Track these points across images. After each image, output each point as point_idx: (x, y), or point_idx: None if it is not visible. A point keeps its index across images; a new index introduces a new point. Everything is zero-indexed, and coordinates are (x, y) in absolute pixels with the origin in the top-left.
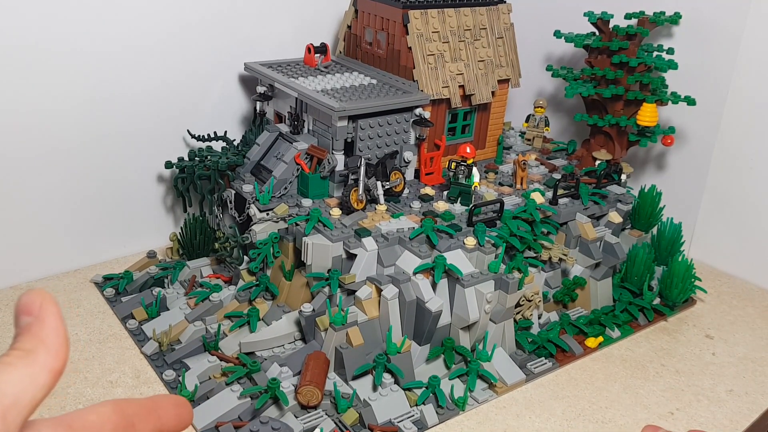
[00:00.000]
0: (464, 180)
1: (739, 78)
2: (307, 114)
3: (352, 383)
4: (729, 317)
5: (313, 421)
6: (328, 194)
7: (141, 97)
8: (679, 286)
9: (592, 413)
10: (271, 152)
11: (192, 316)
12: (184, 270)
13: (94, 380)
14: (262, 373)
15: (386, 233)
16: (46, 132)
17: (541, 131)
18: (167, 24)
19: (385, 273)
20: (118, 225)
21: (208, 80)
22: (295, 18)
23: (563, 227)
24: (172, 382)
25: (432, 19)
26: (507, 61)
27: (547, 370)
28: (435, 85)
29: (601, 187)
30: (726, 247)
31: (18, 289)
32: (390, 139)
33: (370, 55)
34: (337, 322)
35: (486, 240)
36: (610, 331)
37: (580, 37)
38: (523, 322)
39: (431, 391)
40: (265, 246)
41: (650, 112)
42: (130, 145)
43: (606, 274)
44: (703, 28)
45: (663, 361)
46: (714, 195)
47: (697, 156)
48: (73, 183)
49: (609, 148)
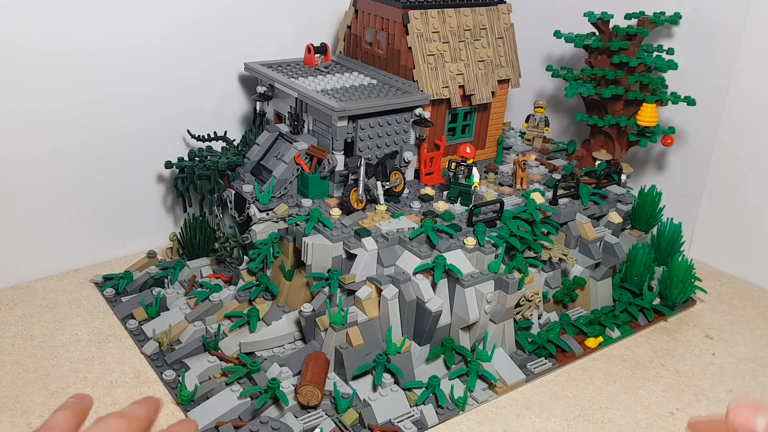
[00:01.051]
0: (464, 180)
1: (739, 78)
2: (307, 114)
3: (352, 383)
4: (729, 317)
5: (313, 421)
6: (328, 194)
7: (141, 96)
8: (679, 286)
9: (592, 413)
10: (271, 152)
11: (192, 316)
12: (184, 270)
13: (94, 380)
14: (262, 373)
15: (386, 233)
16: (46, 132)
17: (541, 131)
18: (167, 24)
19: (385, 273)
20: (118, 225)
21: (208, 80)
22: (295, 18)
23: (563, 227)
24: (172, 382)
25: (432, 19)
26: (507, 61)
27: (547, 371)
28: (435, 85)
29: (601, 188)
30: (726, 247)
31: (18, 289)
32: (390, 139)
33: (370, 55)
34: (337, 322)
35: (486, 240)
36: (610, 332)
37: (580, 37)
38: (523, 322)
39: (431, 391)
40: (265, 246)
41: (650, 113)
42: (130, 145)
43: (606, 274)
44: (703, 29)
45: (663, 362)
46: (714, 195)
47: (697, 156)
48: (73, 183)
49: (609, 148)
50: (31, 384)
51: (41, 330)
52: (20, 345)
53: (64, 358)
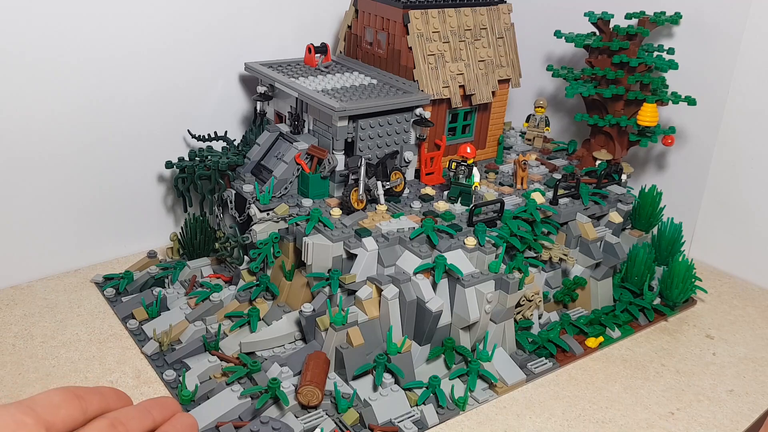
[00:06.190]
0: (465, 180)
1: (739, 78)
2: (308, 114)
3: (352, 383)
4: (729, 317)
5: (314, 421)
6: (329, 194)
7: (141, 97)
8: (680, 286)
9: (593, 413)
10: (272, 152)
11: (192, 316)
12: (184, 270)
13: (95, 380)
14: (263, 373)
15: (386, 233)
16: (47, 132)
17: (541, 131)
18: (168, 24)
19: (385, 273)
20: (119, 225)
21: (208, 80)
22: (295, 18)
23: (564, 227)
24: (172, 382)
25: (432, 19)
26: (507, 61)
27: (547, 370)
28: (435, 85)
29: (601, 187)
30: (726, 247)
31: (19, 289)
32: (390, 139)
33: (371, 55)
34: (337, 322)
35: (486, 240)
36: (610, 331)
37: (581, 37)
38: (523, 322)
39: (431, 391)
40: (266, 246)
41: (651, 112)
42: (130, 145)
43: (606, 274)
44: (704, 28)
45: (663, 361)
46: (714, 195)
47: (698, 156)
48: (74, 183)
49: (609, 148)
50: (32, 384)
51: (42, 330)
52: (21, 345)
53: (65, 358)
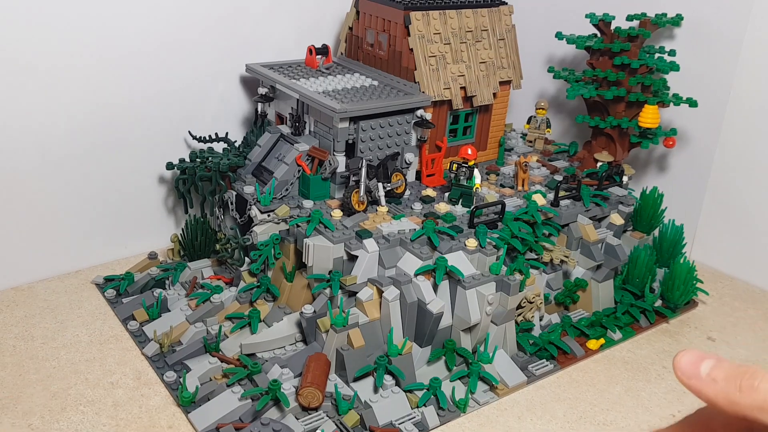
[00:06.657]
0: (465, 181)
1: (740, 80)
2: (309, 115)
3: (353, 385)
4: (731, 319)
5: (314, 422)
6: (330, 196)
7: (142, 98)
8: (681, 288)
9: (594, 415)
10: (273, 153)
11: (193, 317)
12: (185, 271)
13: (95, 381)
14: (263, 375)
15: (387, 235)
16: (48, 133)
17: (542, 133)
18: (169, 25)
19: (386, 274)
20: (120, 226)
21: (209, 81)
22: (296, 19)
23: (565, 229)
24: (173, 384)
25: (433, 21)
26: (508, 63)
27: (548, 372)
28: (436, 87)
29: (602, 189)
30: (728, 249)
31: (19, 290)
32: (391, 140)
33: (372, 57)
34: (338, 324)
35: (487, 242)
36: (611, 333)
37: (582, 38)
38: (524, 324)
39: (432, 392)
40: (266, 247)
41: (652, 114)
42: (131, 147)
43: (607, 276)
44: (705, 30)
45: (665, 363)
46: (716, 197)
47: (699, 158)
48: (75, 184)
49: (611, 149)
50: (32, 385)
51: (42, 331)
52: (21, 346)
53: (65, 359)
